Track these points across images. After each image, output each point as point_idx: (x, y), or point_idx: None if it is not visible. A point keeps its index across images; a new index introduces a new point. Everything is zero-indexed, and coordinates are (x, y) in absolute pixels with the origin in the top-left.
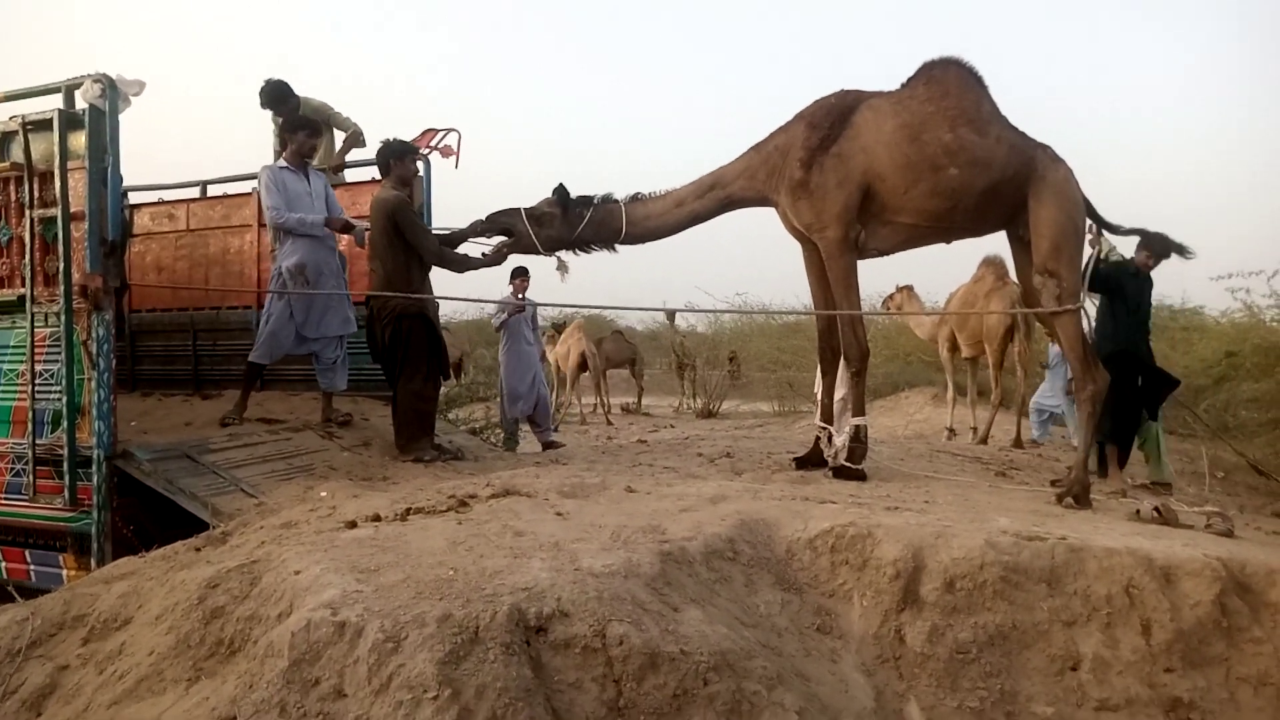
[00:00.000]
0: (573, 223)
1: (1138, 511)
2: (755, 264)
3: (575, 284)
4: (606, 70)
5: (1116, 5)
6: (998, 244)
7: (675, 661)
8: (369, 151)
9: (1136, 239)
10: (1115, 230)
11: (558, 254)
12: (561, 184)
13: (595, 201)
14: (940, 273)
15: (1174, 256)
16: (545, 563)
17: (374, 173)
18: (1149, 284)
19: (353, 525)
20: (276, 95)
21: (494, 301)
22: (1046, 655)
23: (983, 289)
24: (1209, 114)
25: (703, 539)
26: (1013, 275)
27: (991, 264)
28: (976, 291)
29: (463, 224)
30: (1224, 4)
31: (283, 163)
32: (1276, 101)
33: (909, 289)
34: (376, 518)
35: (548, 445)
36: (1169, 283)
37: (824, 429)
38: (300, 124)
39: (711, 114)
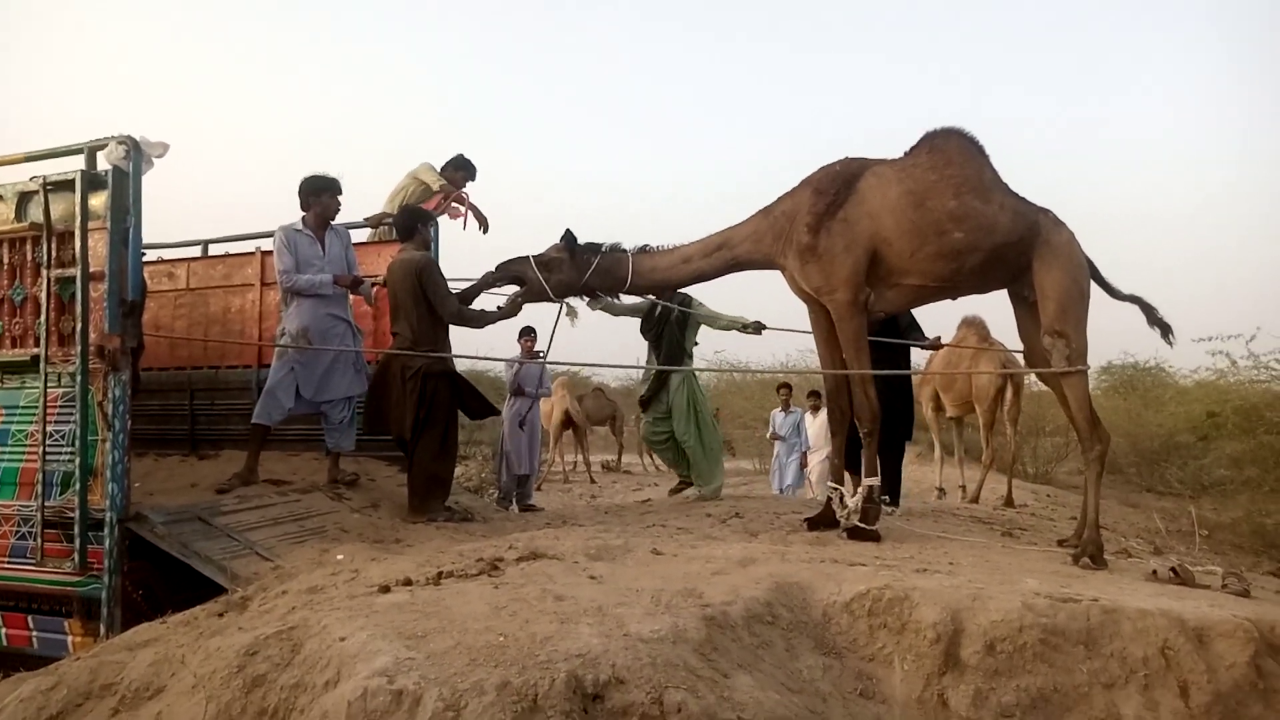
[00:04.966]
0: (580, 267)
1: (1154, 571)
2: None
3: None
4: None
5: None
6: (973, 305)
7: None
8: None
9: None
10: (1115, 294)
11: (567, 300)
12: (569, 229)
13: (603, 249)
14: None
15: None
16: (593, 628)
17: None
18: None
19: (386, 590)
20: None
21: (500, 359)
22: (1088, 718)
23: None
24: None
25: (742, 603)
26: (994, 334)
27: (972, 324)
28: (959, 352)
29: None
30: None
31: (299, 225)
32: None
33: None
34: (408, 581)
35: (525, 508)
36: (1143, 341)
37: (836, 489)
38: (317, 188)
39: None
